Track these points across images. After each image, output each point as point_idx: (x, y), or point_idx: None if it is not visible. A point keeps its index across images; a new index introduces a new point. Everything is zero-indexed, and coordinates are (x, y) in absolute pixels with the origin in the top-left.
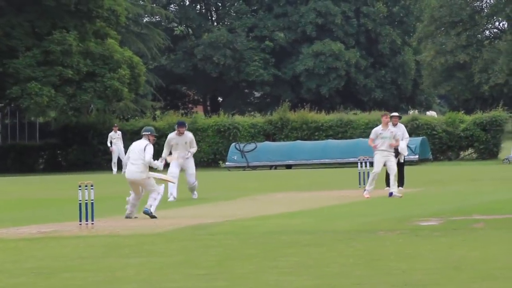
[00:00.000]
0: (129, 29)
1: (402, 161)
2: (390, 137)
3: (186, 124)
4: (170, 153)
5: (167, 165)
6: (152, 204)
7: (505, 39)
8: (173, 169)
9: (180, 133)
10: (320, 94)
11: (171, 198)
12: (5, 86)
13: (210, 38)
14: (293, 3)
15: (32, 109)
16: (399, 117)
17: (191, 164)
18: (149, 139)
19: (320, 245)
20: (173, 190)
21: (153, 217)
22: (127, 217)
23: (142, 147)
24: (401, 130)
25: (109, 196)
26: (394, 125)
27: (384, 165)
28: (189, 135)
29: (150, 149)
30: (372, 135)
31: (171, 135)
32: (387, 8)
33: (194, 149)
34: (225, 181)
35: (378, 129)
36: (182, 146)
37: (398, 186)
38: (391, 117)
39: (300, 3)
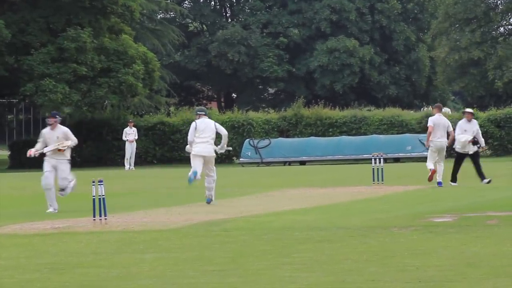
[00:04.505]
0: (144, 25)
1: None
2: None
3: (57, 116)
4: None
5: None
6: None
7: None
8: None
9: (51, 126)
10: (334, 91)
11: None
12: (19, 83)
13: (225, 35)
14: (308, 0)
15: (47, 106)
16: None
17: (64, 167)
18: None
19: (333, 241)
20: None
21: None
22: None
23: (213, 126)
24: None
25: (122, 192)
26: (469, 120)
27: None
28: (62, 129)
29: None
30: None
31: (45, 130)
32: (401, 5)
33: (70, 142)
34: (239, 177)
35: None
36: (53, 141)
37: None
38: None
39: None
